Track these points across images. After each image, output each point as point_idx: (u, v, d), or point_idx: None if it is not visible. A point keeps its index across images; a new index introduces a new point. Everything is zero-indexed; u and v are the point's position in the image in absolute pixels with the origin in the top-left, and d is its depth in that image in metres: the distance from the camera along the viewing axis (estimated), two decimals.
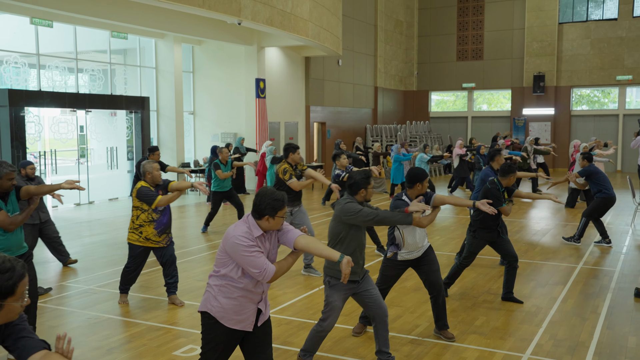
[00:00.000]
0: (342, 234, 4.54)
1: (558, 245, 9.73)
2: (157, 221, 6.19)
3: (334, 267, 4.51)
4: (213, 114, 18.15)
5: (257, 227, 3.46)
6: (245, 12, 13.27)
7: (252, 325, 3.56)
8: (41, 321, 6.02)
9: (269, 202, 3.42)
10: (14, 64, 13.02)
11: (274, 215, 3.44)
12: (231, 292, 3.48)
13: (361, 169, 4.93)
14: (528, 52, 25.13)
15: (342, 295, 4.57)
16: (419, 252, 5.32)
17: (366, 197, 4.64)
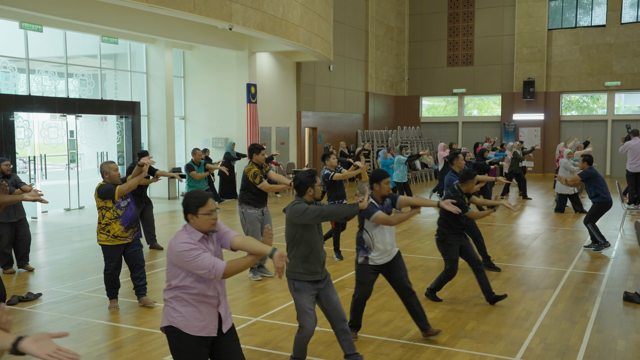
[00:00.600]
0: (297, 237, 4.54)
1: (548, 249, 9.79)
2: (123, 217, 6.30)
3: (295, 270, 4.52)
4: (204, 119, 18.13)
5: (195, 231, 3.47)
6: (236, 18, 13.28)
7: (215, 330, 3.54)
8: (31, 327, 5.98)
9: (189, 201, 3.47)
10: (3, 69, 12.95)
11: (195, 213, 3.44)
12: (187, 299, 3.48)
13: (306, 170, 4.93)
14: (518, 58, 25.32)
15: (310, 297, 4.56)
16: (389, 257, 5.32)
17: (315, 195, 4.62)
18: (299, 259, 4.52)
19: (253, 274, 7.78)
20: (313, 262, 4.53)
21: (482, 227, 12.00)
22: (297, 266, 4.53)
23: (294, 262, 4.53)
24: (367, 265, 5.30)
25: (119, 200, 6.29)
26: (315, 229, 4.61)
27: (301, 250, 4.52)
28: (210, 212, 3.47)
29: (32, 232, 11.03)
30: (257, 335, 5.69)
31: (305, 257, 4.52)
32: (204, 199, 3.47)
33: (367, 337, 5.61)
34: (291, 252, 4.57)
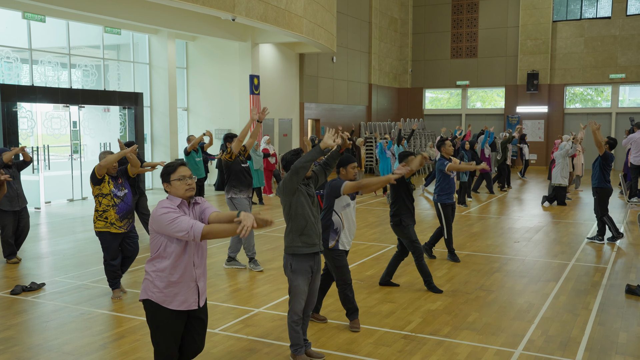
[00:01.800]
0: (291, 212, 4.70)
1: (550, 242, 9.78)
2: (119, 206, 6.34)
3: (294, 245, 4.68)
4: (207, 110, 18.11)
5: (174, 197, 3.63)
6: (240, 8, 13.23)
7: (195, 303, 3.68)
8: (34, 316, 6.01)
9: (162, 171, 3.68)
10: (6, 59, 12.94)
11: (168, 180, 3.63)
12: (167, 274, 3.59)
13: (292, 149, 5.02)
14: (522, 50, 25.20)
15: (305, 279, 4.72)
16: (349, 245, 5.51)
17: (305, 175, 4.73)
18: (296, 232, 4.69)
19: (254, 265, 7.80)
20: (309, 235, 4.70)
21: (485, 219, 12.00)
22: (294, 240, 4.70)
23: (292, 236, 4.71)
24: (337, 250, 5.42)
25: (115, 190, 6.32)
26: (308, 202, 4.72)
27: (297, 224, 4.68)
28: (182, 177, 3.61)
29: (35, 222, 11.11)
30: (259, 326, 5.70)
31: (302, 230, 4.68)
32: (174, 166, 3.66)
33: (369, 329, 5.62)
34: (288, 228, 4.75)
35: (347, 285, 5.51)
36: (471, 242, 9.71)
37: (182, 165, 3.69)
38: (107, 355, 5.00)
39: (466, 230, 10.70)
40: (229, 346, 5.18)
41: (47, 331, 5.58)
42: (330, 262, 5.49)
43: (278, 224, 11.16)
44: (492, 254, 8.87)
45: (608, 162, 9.38)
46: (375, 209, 13.38)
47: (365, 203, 14.31)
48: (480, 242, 9.69)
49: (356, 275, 7.56)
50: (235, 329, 5.59)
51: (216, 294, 6.69)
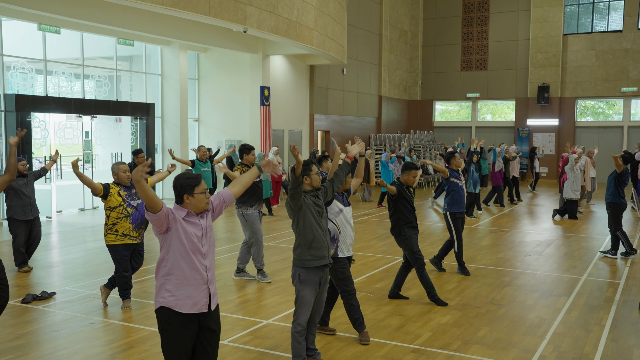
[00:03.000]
0: (299, 226, 4.72)
1: (562, 256, 9.70)
2: (133, 215, 6.32)
3: (303, 258, 4.69)
4: (217, 121, 18.21)
5: (182, 209, 3.63)
6: (251, 20, 13.34)
7: (206, 306, 3.66)
8: (43, 326, 6.03)
9: (183, 182, 3.60)
10: (21, 70, 13.11)
11: (192, 193, 3.60)
12: (176, 275, 3.60)
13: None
14: (532, 63, 25.17)
15: (312, 290, 4.73)
16: (349, 251, 5.49)
17: (312, 184, 4.79)
18: (305, 246, 4.70)
19: (262, 276, 7.80)
20: (318, 247, 4.71)
21: (495, 232, 11.93)
22: (303, 254, 4.71)
23: (300, 250, 4.73)
24: (337, 258, 5.40)
25: (129, 199, 6.32)
26: (316, 215, 4.73)
27: (305, 238, 4.70)
28: (205, 190, 3.64)
29: (46, 232, 11.19)
30: (268, 337, 5.69)
31: (310, 243, 4.69)
32: (198, 179, 3.63)
33: (379, 342, 5.59)
34: (297, 241, 4.77)
35: (352, 295, 5.50)
36: (481, 255, 9.65)
37: (202, 178, 3.71)
38: None
39: (476, 244, 10.64)
40: (238, 358, 5.17)
41: (56, 340, 5.60)
42: (333, 274, 5.47)
43: (287, 235, 11.16)
44: (503, 267, 8.81)
45: (624, 178, 9.32)
46: (384, 221, 13.34)
47: (375, 215, 14.28)
48: (491, 256, 9.62)
49: (365, 287, 7.54)
50: (244, 341, 5.58)
51: (225, 305, 6.68)
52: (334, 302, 5.85)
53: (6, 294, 5.06)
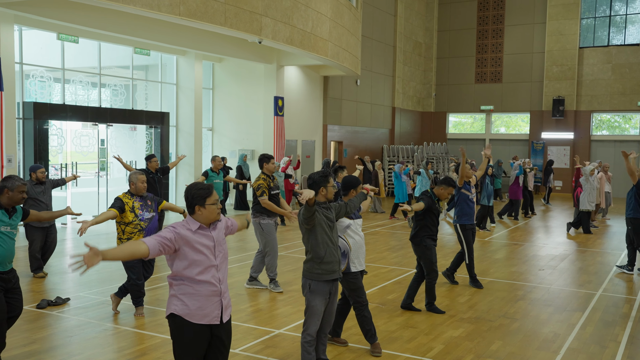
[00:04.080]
0: (311, 239, 4.71)
1: (576, 270, 9.60)
2: (146, 229, 6.33)
3: (314, 271, 4.69)
4: (231, 131, 18.32)
5: (194, 222, 3.61)
6: (266, 31, 13.45)
7: (218, 318, 3.65)
8: (57, 331, 6.08)
9: (194, 193, 3.59)
10: (40, 78, 13.30)
11: (203, 204, 3.58)
12: (190, 287, 3.59)
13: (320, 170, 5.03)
14: (547, 76, 25.07)
15: (322, 299, 4.72)
16: (361, 265, 5.45)
17: (327, 195, 4.76)
18: (316, 259, 4.69)
19: (274, 286, 7.80)
20: (330, 262, 4.71)
21: (509, 245, 11.84)
22: (314, 267, 4.71)
23: (311, 264, 4.72)
24: (350, 273, 5.38)
25: (143, 212, 6.34)
26: (328, 230, 4.72)
27: (316, 252, 4.68)
28: (216, 201, 3.62)
29: (62, 238, 11.30)
30: (280, 347, 5.69)
31: (322, 258, 4.68)
32: (209, 190, 3.62)
33: (390, 354, 5.56)
34: (308, 255, 4.76)
35: (364, 307, 5.49)
36: (494, 268, 9.58)
37: (214, 188, 3.71)
38: None
39: (489, 257, 10.57)
40: None
41: (70, 346, 5.64)
42: (345, 286, 5.47)
43: (299, 245, 11.16)
44: (516, 281, 8.74)
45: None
46: (397, 233, 13.31)
47: (387, 226, 14.25)
48: (504, 269, 9.55)
49: (377, 299, 7.51)
50: (256, 350, 5.58)
51: (237, 314, 6.69)
52: (346, 314, 5.83)
53: (20, 304, 5.10)
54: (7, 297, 4.98)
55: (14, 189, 4.91)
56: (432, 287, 6.90)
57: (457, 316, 6.83)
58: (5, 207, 4.93)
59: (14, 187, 4.91)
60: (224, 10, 12.12)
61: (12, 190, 4.90)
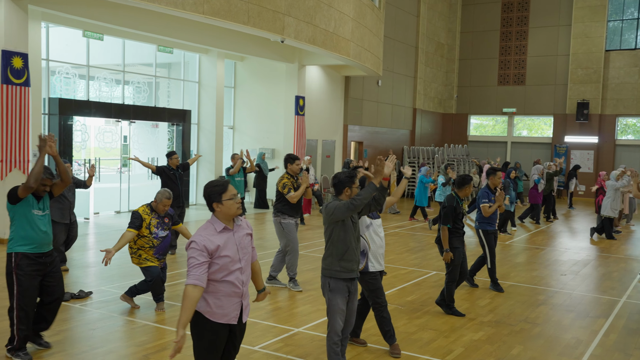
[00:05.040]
0: (334, 235, 4.67)
1: (600, 277, 9.46)
2: (158, 247, 6.53)
3: (332, 268, 4.68)
4: (252, 129, 18.39)
5: (217, 222, 3.61)
6: (289, 31, 13.47)
7: (236, 318, 3.67)
8: (80, 324, 6.16)
9: (210, 190, 3.59)
10: (65, 75, 13.49)
11: (220, 200, 3.56)
12: (212, 286, 3.59)
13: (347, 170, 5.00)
14: (572, 79, 24.73)
15: (343, 298, 4.70)
16: (381, 266, 5.44)
17: (351, 196, 4.71)
18: (336, 257, 4.67)
19: (294, 285, 7.81)
20: (349, 260, 4.68)
21: (531, 249, 11.71)
22: (333, 264, 4.69)
23: (331, 260, 4.70)
24: (369, 272, 5.37)
25: (158, 231, 6.45)
26: (351, 228, 4.70)
27: (338, 249, 4.66)
28: (233, 196, 3.59)
29: (84, 232, 11.44)
30: (299, 346, 5.69)
31: (342, 255, 4.66)
32: (224, 185, 3.60)
33: (409, 355, 5.53)
34: (328, 251, 4.73)
35: (383, 307, 5.48)
36: (515, 272, 9.48)
37: (229, 183, 3.70)
38: None
39: (510, 260, 10.46)
40: None
41: (93, 339, 5.71)
42: (364, 286, 5.47)
43: (319, 244, 11.15)
44: (538, 285, 8.63)
45: None
46: (416, 234, 13.23)
47: (407, 228, 14.18)
48: (525, 273, 9.44)
49: (396, 300, 7.48)
50: (275, 348, 5.59)
51: (256, 312, 6.71)
52: (365, 315, 5.81)
53: (57, 289, 5.22)
54: (45, 281, 5.12)
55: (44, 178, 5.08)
56: (450, 289, 6.87)
57: (477, 319, 6.77)
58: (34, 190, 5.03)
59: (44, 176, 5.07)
60: (247, 9, 12.17)
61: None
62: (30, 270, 4.97)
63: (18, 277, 4.94)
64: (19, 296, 4.92)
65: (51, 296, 5.16)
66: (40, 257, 5.05)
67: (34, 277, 5.00)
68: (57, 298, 5.22)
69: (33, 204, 5.05)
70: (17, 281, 4.94)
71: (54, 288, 5.16)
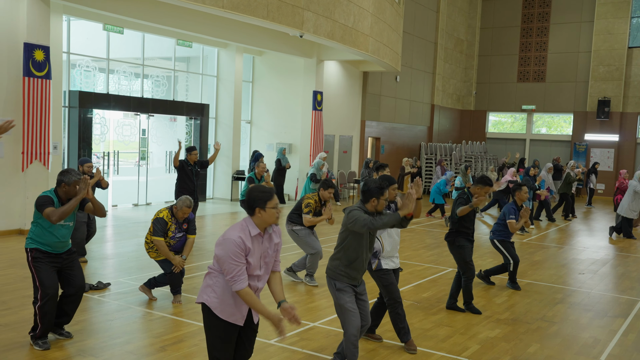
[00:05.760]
0: (347, 241, 4.64)
1: (619, 276, 9.34)
2: (173, 247, 6.62)
3: (337, 271, 4.66)
4: (269, 124, 18.42)
5: (253, 226, 3.61)
6: (308, 25, 13.45)
7: (243, 320, 3.70)
8: (99, 314, 6.24)
9: (257, 195, 3.59)
10: (85, 68, 13.63)
11: (264, 207, 3.57)
12: (225, 289, 3.62)
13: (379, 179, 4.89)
14: (593, 76, 24.38)
15: (352, 297, 4.67)
16: (395, 264, 5.45)
17: (377, 207, 4.65)
18: (344, 261, 4.65)
19: (310, 279, 7.83)
20: (356, 269, 4.66)
21: (547, 248, 11.60)
22: (339, 267, 4.67)
23: (338, 263, 4.68)
24: (382, 269, 5.39)
25: (175, 233, 6.58)
26: (366, 239, 4.66)
27: (348, 255, 4.64)
28: (276, 205, 3.63)
29: (102, 225, 11.57)
30: (314, 340, 5.70)
31: (350, 262, 4.64)
32: (271, 193, 3.63)
33: (425, 352, 5.52)
34: (338, 254, 4.71)
35: (398, 304, 5.46)
36: (532, 270, 9.40)
37: (274, 192, 3.72)
38: (166, 357, 5.13)
39: (527, 258, 10.37)
40: (284, 358, 5.20)
41: (111, 329, 5.78)
42: (378, 282, 5.48)
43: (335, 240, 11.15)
44: (555, 284, 8.56)
45: None
46: (433, 231, 13.18)
47: (423, 224, 14.13)
48: (542, 272, 9.36)
49: (412, 296, 7.46)
50: (291, 342, 5.61)
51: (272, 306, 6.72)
52: (383, 313, 5.78)
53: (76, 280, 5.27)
54: (64, 273, 5.21)
55: (71, 183, 5.04)
56: (469, 287, 6.82)
57: (493, 317, 6.73)
58: (61, 199, 5.07)
59: (71, 182, 5.04)
60: (267, 3, 12.18)
61: (69, 185, 5.04)
62: (47, 261, 5.06)
63: (36, 268, 5.04)
64: (41, 287, 5.01)
65: (73, 287, 5.22)
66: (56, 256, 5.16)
67: (51, 268, 5.08)
68: (79, 290, 5.27)
69: None
70: (35, 272, 5.04)
71: (74, 278, 5.23)
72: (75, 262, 5.31)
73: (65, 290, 5.24)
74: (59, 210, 4.92)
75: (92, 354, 5.08)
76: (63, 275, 5.20)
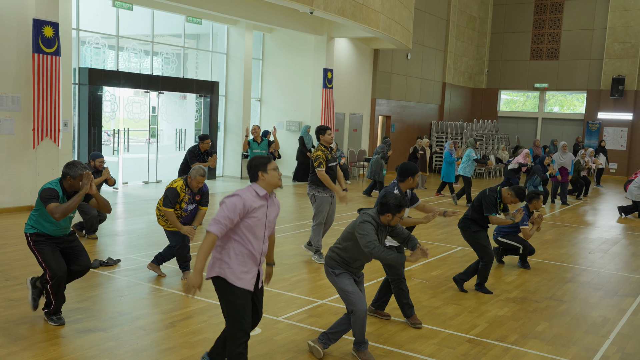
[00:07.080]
0: (351, 244, 4.65)
1: (629, 255, 9.28)
2: (184, 218, 6.54)
3: (334, 263, 4.71)
4: (280, 102, 18.35)
5: (260, 188, 3.86)
6: (318, 2, 13.29)
7: (253, 285, 3.87)
8: (109, 291, 6.31)
9: (258, 161, 3.90)
10: (95, 45, 13.59)
11: (265, 169, 3.86)
12: (234, 254, 3.80)
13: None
14: (608, 54, 23.98)
15: (351, 279, 4.70)
16: None
17: (390, 222, 4.62)
18: (342, 258, 4.69)
19: (319, 257, 7.85)
20: (354, 267, 4.73)
21: (558, 227, 11.54)
22: (338, 258, 4.71)
23: (337, 255, 4.71)
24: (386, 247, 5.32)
25: (188, 206, 6.50)
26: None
27: (348, 254, 4.68)
28: (276, 168, 3.93)
29: (113, 202, 11.64)
30: (323, 317, 5.73)
31: (347, 262, 4.70)
32: (270, 158, 3.96)
33: (432, 329, 5.53)
34: (338, 249, 4.73)
35: (402, 280, 5.51)
36: (543, 249, 9.36)
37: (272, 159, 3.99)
38: (175, 333, 5.17)
39: (538, 237, 10.32)
40: (293, 334, 5.23)
41: (121, 305, 5.84)
42: None
43: (347, 217, 11.16)
44: (565, 263, 8.52)
45: None
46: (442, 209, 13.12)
47: (434, 203, 14.09)
48: (553, 251, 9.32)
49: (421, 275, 7.47)
50: (299, 319, 5.64)
51: (280, 283, 6.77)
52: (391, 292, 5.80)
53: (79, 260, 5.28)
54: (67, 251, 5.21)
55: (76, 177, 4.97)
56: (486, 270, 6.73)
57: (502, 295, 6.73)
58: (66, 191, 5.06)
59: (76, 175, 4.96)
60: None
61: (74, 178, 4.97)
62: (49, 242, 5.07)
63: (39, 251, 5.04)
64: (49, 269, 5.01)
65: (79, 265, 5.22)
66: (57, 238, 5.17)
67: (54, 248, 5.09)
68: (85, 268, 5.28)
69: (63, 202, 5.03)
70: (40, 255, 5.05)
71: (80, 257, 5.22)
72: (77, 241, 5.31)
73: (72, 268, 5.25)
74: (62, 207, 4.85)
75: (101, 329, 5.15)
76: (68, 254, 5.21)
